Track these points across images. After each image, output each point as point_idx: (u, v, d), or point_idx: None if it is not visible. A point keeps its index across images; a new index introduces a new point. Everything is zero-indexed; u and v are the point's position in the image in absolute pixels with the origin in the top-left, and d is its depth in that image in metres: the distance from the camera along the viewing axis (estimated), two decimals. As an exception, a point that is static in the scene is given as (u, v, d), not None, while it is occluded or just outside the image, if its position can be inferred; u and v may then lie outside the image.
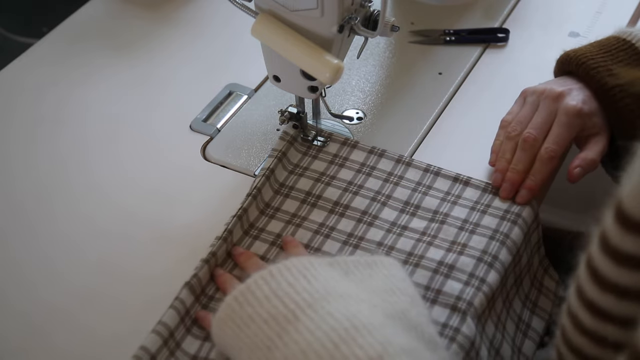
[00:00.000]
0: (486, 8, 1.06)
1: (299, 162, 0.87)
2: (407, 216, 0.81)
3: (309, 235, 0.81)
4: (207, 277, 0.76)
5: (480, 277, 0.75)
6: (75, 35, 1.07)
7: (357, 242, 0.80)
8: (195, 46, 1.04)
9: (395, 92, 0.96)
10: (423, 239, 0.79)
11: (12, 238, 0.84)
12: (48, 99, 0.98)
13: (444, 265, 0.77)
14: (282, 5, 0.76)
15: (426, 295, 0.74)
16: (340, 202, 0.83)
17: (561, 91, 0.83)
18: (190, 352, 0.72)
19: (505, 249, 0.78)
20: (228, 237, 0.79)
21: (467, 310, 0.73)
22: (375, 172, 0.85)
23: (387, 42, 1.03)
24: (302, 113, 0.88)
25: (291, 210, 0.83)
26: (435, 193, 0.83)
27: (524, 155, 0.82)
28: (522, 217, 0.81)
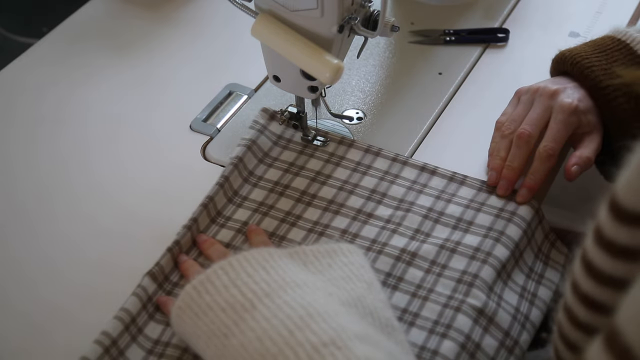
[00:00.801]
0: (486, 8, 1.06)
1: (278, 156, 0.88)
2: (375, 205, 0.82)
3: (275, 223, 0.82)
4: (170, 264, 0.78)
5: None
6: (75, 35, 1.07)
7: (322, 230, 0.81)
8: (195, 46, 1.05)
9: (395, 92, 0.96)
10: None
11: (13, 238, 0.84)
12: (48, 99, 0.98)
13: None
14: (282, 5, 0.76)
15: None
16: (307, 192, 0.84)
17: (556, 89, 0.83)
18: (153, 337, 0.73)
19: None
20: (193, 225, 0.80)
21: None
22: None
23: (387, 42, 1.03)
24: (302, 113, 0.88)
25: (259, 199, 0.84)
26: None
27: (519, 152, 0.82)
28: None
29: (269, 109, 0.91)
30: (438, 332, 0.72)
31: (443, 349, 0.70)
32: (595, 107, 0.84)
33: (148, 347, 0.73)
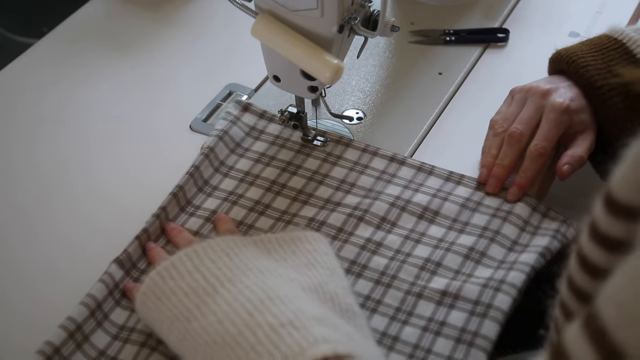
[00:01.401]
0: (486, 8, 1.07)
1: (249, 146, 0.89)
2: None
3: (244, 212, 0.83)
4: (138, 252, 0.79)
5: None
6: (75, 35, 1.07)
7: (290, 219, 0.82)
8: (195, 46, 1.05)
9: (395, 92, 0.96)
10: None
11: (13, 238, 0.84)
12: (48, 99, 0.98)
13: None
14: (282, 5, 0.76)
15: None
16: (277, 181, 0.86)
17: (548, 88, 0.84)
18: (118, 323, 0.74)
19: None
20: (161, 214, 0.81)
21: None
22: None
23: (387, 42, 1.03)
24: (302, 113, 0.88)
25: (229, 189, 0.85)
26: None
27: (510, 150, 0.83)
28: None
29: (242, 101, 0.92)
30: (400, 319, 0.73)
31: (404, 335, 0.72)
32: (589, 106, 0.84)
33: (113, 332, 0.74)
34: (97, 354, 0.72)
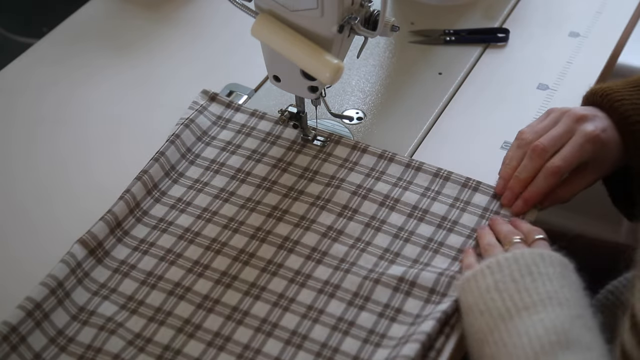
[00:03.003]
0: (486, 8, 1.06)
1: (216, 135, 0.91)
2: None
3: (208, 199, 0.84)
4: (104, 232, 0.80)
5: (395, 251, 0.79)
6: (75, 35, 1.07)
7: (254, 206, 0.83)
8: (195, 46, 1.05)
9: (395, 92, 0.96)
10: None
11: (13, 237, 0.84)
12: (48, 99, 0.98)
13: (360, 241, 0.80)
14: (282, 5, 0.76)
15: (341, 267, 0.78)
16: (242, 169, 0.87)
17: (585, 114, 0.81)
18: (79, 304, 0.76)
19: (425, 223, 0.81)
20: (126, 196, 0.83)
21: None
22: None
23: (387, 42, 1.03)
24: (302, 113, 0.88)
25: (194, 177, 0.87)
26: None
27: (530, 164, 0.81)
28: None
29: (209, 91, 0.94)
30: (357, 304, 0.75)
31: (360, 320, 0.73)
32: (621, 143, 0.82)
33: (73, 312, 0.75)
34: (55, 333, 0.74)
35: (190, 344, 0.73)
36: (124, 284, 0.78)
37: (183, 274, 0.78)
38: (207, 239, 0.81)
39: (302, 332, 0.73)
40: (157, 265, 0.79)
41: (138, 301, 0.76)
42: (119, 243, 0.81)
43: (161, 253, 0.80)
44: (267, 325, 0.74)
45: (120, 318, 0.75)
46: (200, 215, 0.83)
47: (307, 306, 0.75)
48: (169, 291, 0.77)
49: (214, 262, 0.79)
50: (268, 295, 0.76)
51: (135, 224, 0.82)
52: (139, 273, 0.79)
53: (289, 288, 0.77)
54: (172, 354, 0.72)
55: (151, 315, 0.75)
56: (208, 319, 0.75)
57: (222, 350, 0.73)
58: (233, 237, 0.81)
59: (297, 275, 0.78)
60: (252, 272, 0.78)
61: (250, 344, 0.73)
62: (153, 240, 0.81)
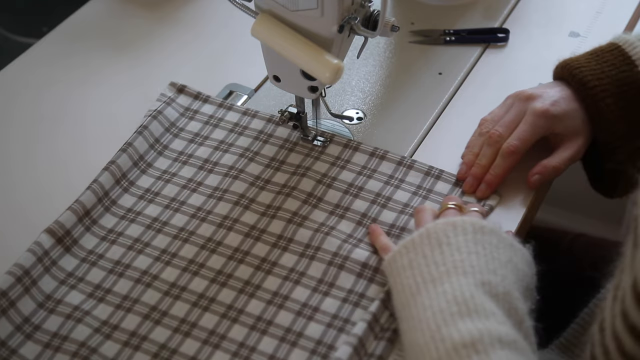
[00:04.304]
0: (486, 8, 1.06)
1: (184, 126, 0.92)
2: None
3: (176, 189, 0.85)
4: (71, 221, 0.81)
5: (358, 238, 0.80)
6: (75, 35, 1.07)
7: (221, 195, 0.84)
8: (195, 46, 1.05)
9: (395, 92, 0.96)
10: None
11: (12, 238, 0.84)
12: (48, 98, 0.98)
13: (324, 226, 0.81)
14: (282, 5, 0.76)
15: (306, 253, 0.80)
16: (209, 160, 0.88)
17: (532, 94, 0.85)
18: (46, 292, 0.77)
19: (387, 210, 0.82)
20: (93, 185, 0.84)
21: None
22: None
23: (387, 42, 1.03)
24: (302, 113, 0.88)
25: (162, 167, 0.88)
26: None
27: (488, 151, 0.84)
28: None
29: (176, 83, 0.96)
30: (321, 290, 0.76)
31: (324, 306, 0.75)
32: (581, 111, 0.84)
33: (40, 300, 0.76)
34: (21, 320, 0.74)
35: (157, 331, 0.74)
36: (91, 273, 0.79)
37: (150, 262, 0.79)
38: (175, 229, 0.82)
39: (266, 317, 0.74)
40: (125, 254, 0.80)
41: (105, 289, 0.77)
42: (87, 232, 0.82)
43: (129, 242, 0.81)
44: (232, 311, 0.75)
45: (88, 306, 0.76)
46: (168, 205, 0.84)
47: (271, 293, 0.77)
48: (136, 279, 0.78)
49: (182, 250, 0.80)
50: (234, 283, 0.77)
51: (104, 213, 0.84)
52: (106, 262, 0.80)
53: (255, 275, 0.78)
54: (139, 340, 0.73)
55: (118, 302, 0.76)
56: (175, 306, 0.76)
57: (188, 336, 0.74)
58: (200, 226, 0.82)
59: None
60: (219, 259, 0.79)
61: (216, 330, 0.74)
62: (121, 230, 0.82)
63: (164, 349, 0.73)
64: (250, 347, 0.72)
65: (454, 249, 0.68)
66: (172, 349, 0.73)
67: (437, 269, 0.66)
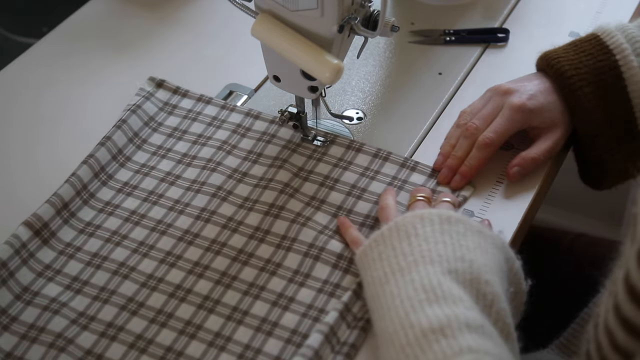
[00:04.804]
0: (486, 8, 1.06)
1: (163, 121, 0.93)
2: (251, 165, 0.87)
3: (155, 182, 0.87)
4: (49, 214, 0.82)
5: (333, 229, 0.81)
6: (75, 35, 1.07)
7: (199, 188, 0.85)
8: (195, 46, 1.05)
9: (395, 92, 0.96)
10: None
11: (12, 238, 0.84)
12: (48, 98, 0.98)
13: (300, 216, 0.82)
14: (282, 5, 0.76)
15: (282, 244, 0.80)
16: (188, 154, 0.89)
17: (509, 88, 0.86)
18: (23, 284, 0.78)
19: (363, 201, 0.84)
20: (72, 179, 0.85)
21: None
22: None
23: (387, 42, 1.03)
24: (302, 113, 0.88)
25: (141, 161, 0.89)
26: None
27: (465, 143, 0.85)
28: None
29: (155, 78, 0.97)
30: (297, 281, 0.77)
31: (300, 296, 0.75)
32: (560, 103, 0.85)
33: (17, 292, 0.77)
34: None
35: (133, 321, 0.75)
36: (69, 265, 0.79)
37: (128, 254, 0.80)
38: (152, 221, 0.83)
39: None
40: (103, 247, 0.81)
41: (83, 281, 0.78)
42: (65, 225, 0.82)
43: (107, 235, 0.82)
44: (208, 302, 0.76)
45: (65, 298, 0.76)
46: (146, 198, 0.85)
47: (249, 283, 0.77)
48: (113, 271, 0.79)
49: (159, 242, 0.81)
50: (211, 274, 0.78)
51: (82, 206, 0.84)
52: (84, 254, 0.80)
53: (232, 266, 0.79)
54: (115, 331, 0.74)
55: (95, 294, 0.77)
56: (152, 297, 0.76)
57: (165, 326, 0.74)
58: (178, 219, 0.83)
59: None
60: (196, 251, 0.80)
61: (192, 320, 0.75)
62: (99, 223, 0.83)
63: (140, 339, 0.73)
64: (226, 337, 0.73)
65: (421, 240, 0.68)
66: (149, 339, 0.73)
67: (405, 259, 0.67)
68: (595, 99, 0.83)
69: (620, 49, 0.83)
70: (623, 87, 0.82)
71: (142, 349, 0.73)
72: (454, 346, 0.59)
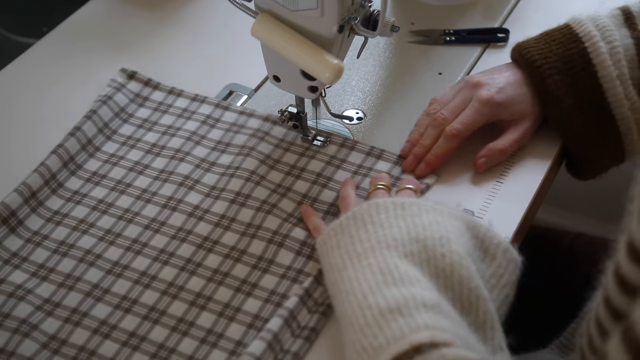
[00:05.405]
0: (486, 8, 1.06)
1: (133, 112, 0.94)
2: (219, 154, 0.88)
3: (123, 172, 0.88)
4: (17, 202, 0.83)
5: (299, 217, 0.83)
6: (75, 35, 1.07)
7: (166, 177, 0.87)
8: (195, 46, 1.05)
9: (395, 92, 0.96)
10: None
11: (12, 238, 0.84)
12: (48, 98, 0.98)
13: (266, 203, 0.83)
14: (282, 5, 0.76)
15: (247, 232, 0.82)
16: (157, 144, 0.90)
17: (479, 81, 0.87)
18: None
19: (328, 190, 0.85)
20: (41, 169, 0.86)
21: None
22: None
23: (387, 42, 1.03)
24: (302, 113, 0.88)
25: (110, 151, 0.90)
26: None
27: (432, 132, 0.86)
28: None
29: (127, 69, 0.98)
30: (261, 267, 0.78)
31: (263, 282, 0.77)
32: (531, 94, 0.86)
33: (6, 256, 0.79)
34: None
35: (98, 307, 0.75)
36: (35, 253, 0.80)
37: (94, 242, 0.81)
38: (120, 210, 0.84)
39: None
40: (70, 235, 0.82)
41: (49, 269, 0.79)
42: (33, 213, 0.83)
43: (74, 223, 0.83)
44: (172, 288, 0.77)
45: (30, 285, 0.77)
46: (114, 187, 0.86)
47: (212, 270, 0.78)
48: (79, 258, 0.79)
49: (126, 230, 0.82)
50: (176, 261, 0.79)
51: (50, 195, 0.85)
52: (51, 242, 0.81)
53: (197, 253, 0.79)
54: (80, 317, 0.75)
55: (61, 281, 0.78)
56: (116, 284, 0.77)
57: (129, 312, 0.75)
58: (145, 208, 0.84)
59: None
60: (162, 239, 0.81)
61: (156, 306, 0.76)
62: (67, 212, 0.84)
63: (104, 324, 0.74)
64: (189, 322, 0.74)
65: (377, 227, 0.70)
66: (112, 325, 0.74)
67: (362, 245, 0.69)
68: (565, 86, 0.84)
69: (589, 36, 0.85)
70: (593, 73, 0.83)
71: (106, 334, 0.74)
72: (411, 324, 0.60)
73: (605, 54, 0.83)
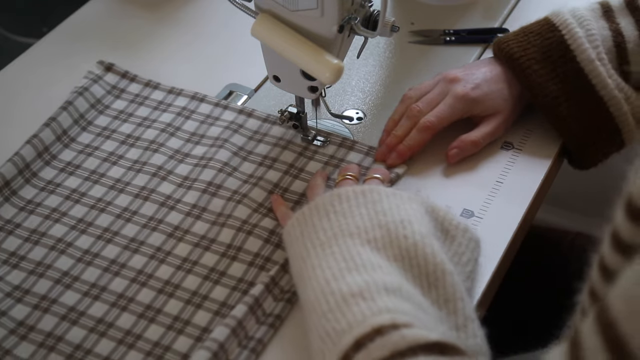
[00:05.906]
0: (486, 8, 1.06)
1: (110, 104, 0.95)
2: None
3: (97, 162, 0.89)
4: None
5: (269, 207, 0.83)
6: (75, 35, 1.07)
7: (140, 167, 0.87)
8: (195, 46, 1.05)
9: (395, 92, 0.96)
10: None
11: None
12: (48, 98, 0.98)
13: (237, 193, 0.83)
14: (282, 5, 0.76)
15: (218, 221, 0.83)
16: (132, 135, 0.91)
17: (456, 76, 0.88)
18: None
19: (300, 180, 0.86)
20: (15, 158, 0.87)
21: None
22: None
23: (387, 42, 1.03)
24: (302, 113, 0.88)
25: (85, 142, 0.91)
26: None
27: (406, 123, 0.87)
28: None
29: (104, 61, 0.99)
30: (229, 255, 0.79)
31: (231, 270, 0.78)
32: (505, 89, 0.87)
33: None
34: None
35: (67, 294, 0.76)
36: (7, 241, 0.81)
37: (66, 230, 0.81)
38: (92, 199, 0.84)
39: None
40: (42, 223, 0.82)
41: (20, 256, 0.80)
42: (6, 202, 0.84)
43: (47, 212, 0.83)
44: (142, 276, 0.78)
45: (1, 272, 0.78)
46: (88, 177, 0.87)
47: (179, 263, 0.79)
48: (50, 246, 0.80)
49: (98, 219, 0.82)
50: (146, 249, 0.80)
51: (24, 184, 0.86)
52: (23, 231, 0.82)
53: (167, 242, 0.80)
54: (48, 304, 0.75)
55: (32, 268, 0.78)
56: (86, 271, 0.78)
57: (97, 299, 0.76)
58: (118, 197, 0.84)
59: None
60: (133, 228, 0.81)
61: (124, 293, 0.76)
62: (40, 201, 0.84)
63: (72, 311, 0.75)
64: (156, 309, 0.75)
65: (339, 216, 0.71)
66: (81, 312, 0.75)
67: (325, 234, 0.70)
68: (546, 74, 0.85)
69: (566, 24, 0.85)
70: (572, 58, 0.84)
71: (74, 321, 0.74)
72: (373, 307, 0.61)
73: (582, 38, 0.84)
